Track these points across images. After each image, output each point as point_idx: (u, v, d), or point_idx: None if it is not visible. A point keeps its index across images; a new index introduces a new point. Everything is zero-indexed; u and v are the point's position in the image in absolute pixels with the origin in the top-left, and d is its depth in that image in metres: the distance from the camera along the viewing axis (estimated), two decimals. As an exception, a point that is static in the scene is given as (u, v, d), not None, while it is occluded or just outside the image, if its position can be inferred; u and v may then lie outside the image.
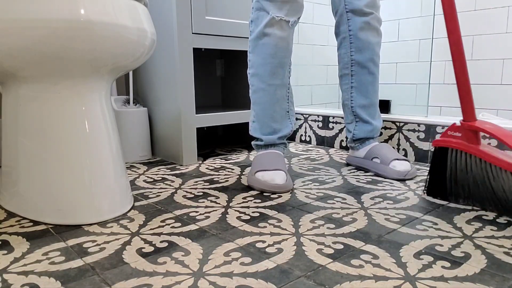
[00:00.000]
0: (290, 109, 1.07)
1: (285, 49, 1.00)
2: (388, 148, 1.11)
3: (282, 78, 1.02)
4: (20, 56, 0.67)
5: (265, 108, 1.03)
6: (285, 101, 1.05)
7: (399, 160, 1.06)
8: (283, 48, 0.99)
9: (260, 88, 1.02)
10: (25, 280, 0.54)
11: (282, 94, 1.04)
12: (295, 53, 1.94)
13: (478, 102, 1.72)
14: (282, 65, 1.01)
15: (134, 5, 0.76)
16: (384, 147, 1.12)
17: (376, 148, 1.12)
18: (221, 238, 0.68)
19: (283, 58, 1.00)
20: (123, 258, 0.61)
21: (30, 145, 0.75)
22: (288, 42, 1.00)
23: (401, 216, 0.78)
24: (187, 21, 1.17)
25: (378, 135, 1.16)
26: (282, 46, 0.99)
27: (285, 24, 0.98)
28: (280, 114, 1.05)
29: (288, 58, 1.03)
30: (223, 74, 1.69)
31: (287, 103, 1.06)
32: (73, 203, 0.75)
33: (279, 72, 1.01)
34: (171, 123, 1.26)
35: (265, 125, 1.04)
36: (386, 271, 0.56)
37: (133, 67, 0.84)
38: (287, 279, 0.54)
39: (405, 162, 1.06)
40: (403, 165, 1.05)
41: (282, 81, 1.02)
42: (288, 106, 1.06)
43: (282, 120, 1.05)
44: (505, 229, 0.71)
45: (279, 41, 0.98)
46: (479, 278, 0.54)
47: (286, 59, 1.01)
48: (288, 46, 1.01)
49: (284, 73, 1.03)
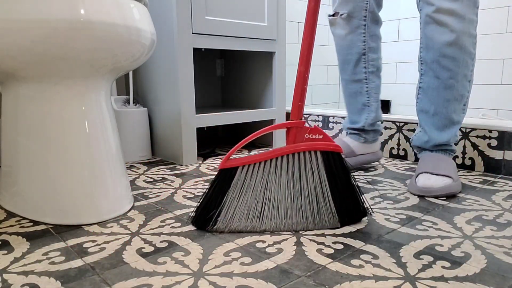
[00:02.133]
0: (371, 104, 1.11)
1: (347, 47, 1.08)
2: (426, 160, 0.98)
3: (351, 74, 1.09)
4: (20, 56, 0.67)
5: (345, 99, 1.15)
6: (361, 95, 1.11)
7: (427, 173, 0.93)
8: (344, 46, 1.08)
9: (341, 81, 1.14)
10: (25, 280, 0.54)
11: (355, 88, 1.10)
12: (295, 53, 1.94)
13: (478, 102, 1.73)
14: (347, 61, 1.09)
15: (134, 5, 0.76)
16: (426, 158, 0.99)
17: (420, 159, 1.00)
18: (221, 238, 0.68)
19: (347, 55, 1.08)
20: (123, 258, 0.60)
21: (30, 145, 0.75)
22: (350, 39, 1.06)
23: (401, 216, 0.78)
24: (187, 21, 1.17)
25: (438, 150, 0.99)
26: (343, 44, 1.08)
27: (340, 21, 1.06)
28: (356, 106, 1.12)
29: (354, 55, 1.07)
30: (223, 74, 1.69)
31: (366, 97, 1.10)
32: (73, 203, 0.75)
33: (346, 68, 1.10)
34: (171, 123, 1.26)
35: (348, 113, 1.16)
36: (386, 271, 0.56)
37: (133, 67, 0.84)
38: (287, 279, 0.54)
39: (433, 176, 0.92)
40: (428, 179, 0.92)
41: (351, 76, 1.10)
42: (368, 100, 1.10)
43: (359, 112, 1.12)
44: (505, 229, 0.71)
45: (339, 39, 1.09)
46: (479, 278, 0.54)
47: (350, 56, 1.08)
48: (352, 43, 1.07)
49: (353, 70, 1.09)
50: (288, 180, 0.69)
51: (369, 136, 1.14)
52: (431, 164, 0.95)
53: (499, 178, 1.06)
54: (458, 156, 1.17)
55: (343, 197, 0.71)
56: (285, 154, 0.70)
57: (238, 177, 0.69)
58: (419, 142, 1.01)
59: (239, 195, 0.69)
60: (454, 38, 0.88)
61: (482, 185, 0.99)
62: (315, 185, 0.70)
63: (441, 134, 0.96)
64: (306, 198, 0.70)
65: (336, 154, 0.71)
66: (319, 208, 0.70)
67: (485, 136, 1.11)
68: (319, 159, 0.70)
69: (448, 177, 0.91)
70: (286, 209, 0.69)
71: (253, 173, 0.69)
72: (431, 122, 0.97)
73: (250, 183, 0.69)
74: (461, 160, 1.17)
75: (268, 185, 0.69)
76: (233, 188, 0.69)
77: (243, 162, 0.69)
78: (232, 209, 0.69)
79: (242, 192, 0.69)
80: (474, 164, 1.14)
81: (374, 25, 1.07)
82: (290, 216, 0.69)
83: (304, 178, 0.69)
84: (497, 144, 1.10)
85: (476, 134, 1.13)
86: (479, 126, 1.13)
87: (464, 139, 1.15)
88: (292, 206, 0.69)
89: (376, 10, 1.06)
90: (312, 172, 0.70)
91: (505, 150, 1.09)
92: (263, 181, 0.69)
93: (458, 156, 1.17)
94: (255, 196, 0.69)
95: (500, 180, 1.04)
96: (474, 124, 1.14)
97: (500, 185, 0.99)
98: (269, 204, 0.69)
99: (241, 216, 0.69)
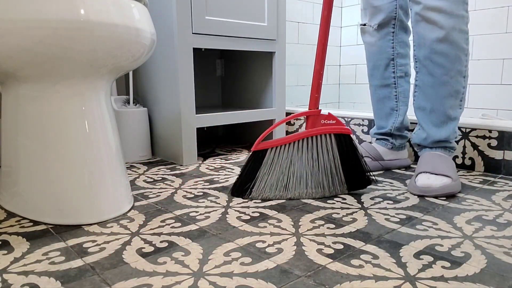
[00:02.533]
0: (399, 108, 1.13)
1: (376, 52, 1.12)
2: (426, 159, 0.97)
3: (381, 78, 1.13)
4: (20, 56, 0.67)
5: (373, 105, 1.18)
6: (389, 100, 1.13)
7: (426, 173, 0.93)
8: (374, 52, 1.12)
9: (370, 88, 1.18)
10: (25, 280, 0.54)
11: (384, 93, 1.13)
12: (295, 53, 1.94)
13: (478, 102, 1.73)
14: (377, 67, 1.13)
15: (134, 5, 0.76)
16: (425, 157, 0.98)
17: (420, 158, 1.01)
18: (221, 238, 0.68)
19: (377, 61, 1.12)
20: (123, 258, 0.60)
21: (30, 145, 0.75)
22: (379, 46, 1.10)
23: (401, 216, 0.78)
24: (187, 21, 1.17)
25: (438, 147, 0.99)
26: (372, 50, 1.13)
27: (370, 29, 1.11)
28: (384, 111, 1.15)
29: (383, 60, 1.11)
30: (223, 74, 1.69)
31: (394, 102, 1.13)
32: (73, 203, 0.75)
33: (375, 73, 1.13)
34: (171, 123, 1.26)
35: (375, 119, 1.18)
36: (386, 271, 0.56)
37: (133, 67, 0.84)
38: (287, 279, 0.54)
39: (433, 176, 0.92)
40: (427, 179, 0.91)
41: (380, 81, 1.13)
42: (397, 105, 1.13)
43: (386, 117, 1.14)
44: (505, 229, 0.71)
45: (369, 46, 1.13)
46: (479, 278, 0.54)
47: (380, 61, 1.12)
48: (381, 49, 1.11)
49: (382, 74, 1.12)
50: (308, 158, 0.86)
51: (396, 141, 1.15)
52: (431, 163, 0.95)
53: (499, 178, 1.06)
54: (458, 156, 1.17)
55: (352, 170, 0.89)
56: (305, 137, 0.87)
57: (268, 157, 0.86)
58: (418, 139, 1.02)
59: (269, 171, 0.87)
60: (444, 34, 0.89)
61: (482, 185, 0.99)
62: (330, 161, 0.87)
63: (439, 131, 0.98)
64: (323, 172, 0.87)
65: (347, 135, 0.88)
66: (333, 179, 0.88)
67: (485, 136, 1.11)
68: (332, 140, 0.87)
69: (447, 176, 0.91)
70: (307, 181, 0.87)
71: (280, 153, 0.86)
72: (429, 119, 0.98)
73: (277, 161, 0.86)
74: (461, 160, 1.16)
75: (292, 162, 0.86)
76: (264, 165, 0.86)
77: (271, 144, 0.86)
78: (263, 182, 0.87)
79: (271, 168, 0.86)
80: (474, 164, 1.14)
81: (403, 33, 1.10)
82: (310, 186, 0.87)
83: (321, 156, 0.86)
84: (497, 144, 1.10)
85: (476, 134, 1.13)
86: (479, 126, 1.13)
87: (464, 139, 1.15)
88: (312, 178, 0.87)
89: (404, 19, 1.09)
90: (327, 151, 0.87)
91: (505, 150, 1.09)
92: (288, 160, 0.86)
93: (458, 156, 1.17)
94: (282, 171, 0.87)
95: (500, 180, 1.04)
96: (474, 124, 1.14)
97: (500, 185, 0.99)
98: (293, 177, 0.87)
99: (271, 187, 0.87)
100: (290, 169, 0.86)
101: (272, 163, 0.86)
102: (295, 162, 0.86)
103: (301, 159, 0.86)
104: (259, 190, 0.87)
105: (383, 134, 1.16)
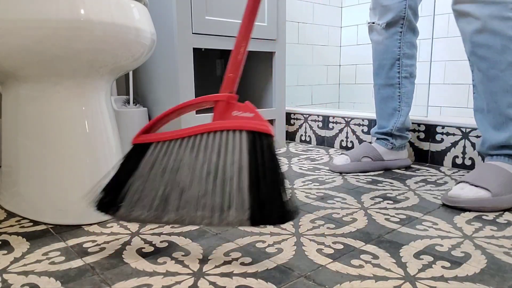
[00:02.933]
0: (402, 109, 1.12)
1: (383, 51, 1.11)
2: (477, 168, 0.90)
3: (385, 78, 1.12)
4: (20, 56, 0.67)
5: (375, 104, 1.17)
6: (393, 100, 1.13)
7: (465, 183, 0.85)
8: (380, 51, 1.11)
9: (374, 87, 1.17)
10: (25, 280, 0.54)
11: (388, 93, 1.13)
12: (295, 53, 1.94)
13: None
14: (382, 66, 1.12)
15: (134, 5, 0.76)
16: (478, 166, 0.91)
17: None
18: (221, 238, 0.68)
19: (382, 60, 1.11)
20: (123, 258, 0.60)
21: (30, 145, 0.75)
22: (385, 44, 1.10)
23: (401, 216, 0.78)
24: (187, 21, 1.17)
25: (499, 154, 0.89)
26: (379, 49, 1.12)
27: (378, 28, 1.10)
28: (386, 111, 1.14)
29: (389, 60, 1.10)
30: (223, 74, 1.69)
31: (397, 102, 1.12)
32: (73, 203, 0.75)
33: (380, 72, 1.12)
34: (171, 123, 1.26)
35: (377, 119, 1.17)
36: (386, 271, 0.56)
37: (133, 67, 0.84)
38: (287, 279, 0.54)
39: (468, 186, 0.83)
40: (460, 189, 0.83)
41: (385, 81, 1.12)
42: (399, 105, 1.12)
43: (388, 117, 1.14)
44: (505, 229, 0.71)
45: (376, 44, 1.12)
46: (479, 278, 0.54)
47: (385, 61, 1.11)
48: (387, 48, 1.10)
49: (387, 74, 1.11)
50: (203, 163, 0.58)
51: (396, 142, 1.15)
52: (477, 173, 0.86)
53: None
54: (458, 156, 1.17)
55: (263, 191, 0.55)
56: (205, 132, 0.59)
57: (150, 155, 0.60)
58: (477, 147, 0.94)
59: (147, 176, 0.59)
60: (481, 24, 0.83)
61: (482, 185, 0.99)
62: (232, 171, 0.56)
63: (498, 134, 0.87)
64: (219, 186, 0.56)
65: (265, 135, 0.57)
66: (231, 201, 0.55)
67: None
68: (243, 140, 0.57)
69: (485, 189, 0.81)
70: (197, 199, 0.57)
71: (167, 151, 0.60)
72: (487, 120, 0.89)
73: (160, 163, 0.59)
74: (461, 160, 1.17)
75: (181, 167, 0.58)
76: (142, 167, 0.60)
77: (157, 138, 0.61)
78: (137, 193, 0.59)
79: (152, 173, 0.59)
80: (474, 164, 1.14)
81: (411, 33, 1.09)
82: (199, 207, 0.57)
83: (222, 162, 0.57)
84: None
85: (476, 134, 1.13)
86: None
87: (464, 139, 1.15)
88: (204, 196, 0.56)
89: (413, 19, 1.08)
90: (232, 155, 0.57)
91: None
92: (176, 162, 0.59)
93: (458, 156, 1.17)
94: (165, 180, 0.58)
95: (500, 180, 1.04)
96: (474, 124, 1.13)
97: (500, 185, 0.99)
98: (178, 190, 0.58)
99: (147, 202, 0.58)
100: (176, 177, 0.58)
101: (154, 165, 0.59)
102: (184, 167, 0.58)
103: (193, 163, 0.58)
104: (130, 206, 0.59)
105: (383, 134, 1.16)
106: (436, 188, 0.97)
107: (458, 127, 1.16)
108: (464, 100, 1.72)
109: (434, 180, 1.04)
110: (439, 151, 1.20)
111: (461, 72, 1.71)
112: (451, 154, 1.18)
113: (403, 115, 1.13)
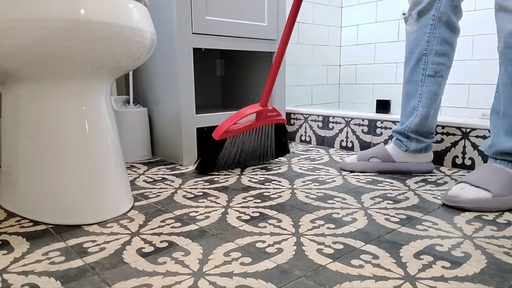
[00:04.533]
0: (419, 109, 1.05)
1: (412, 44, 1.05)
2: (478, 169, 0.89)
3: (410, 73, 1.06)
4: (20, 56, 0.67)
5: (401, 100, 1.11)
6: (413, 98, 1.06)
7: (465, 183, 0.85)
8: (409, 43, 1.06)
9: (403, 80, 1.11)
10: (25, 280, 0.54)
11: (410, 89, 1.07)
12: (295, 53, 1.94)
13: (478, 102, 1.72)
14: (409, 59, 1.06)
15: (134, 5, 0.76)
16: (480, 167, 0.89)
17: None
18: (221, 238, 0.68)
19: (410, 54, 1.06)
20: (123, 258, 0.60)
21: (30, 145, 0.75)
22: (415, 36, 1.04)
23: (401, 216, 0.78)
24: (187, 21, 1.17)
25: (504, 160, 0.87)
26: (408, 40, 1.06)
27: (410, 19, 1.05)
28: (407, 109, 1.09)
29: (416, 54, 1.04)
30: (223, 74, 1.69)
31: (417, 100, 1.06)
32: (73, 203, 0.75)
33: (407, 66, 1.08)
34: (171, 123, 1.26)
35: (401, 114, 1.12)
36: (386, 271, 0.56)
37: (133, 67, 0.84)
38: (287, 279, 0.54)
39: (468, 187, 0.83)
40: (460, 189, 0.83)
41: (409, 75, 1.07)
42: (418, 104, 1.05)
43: (408, 115, 1.08)
44: (505, 229, 0.71)
45: (407, 35, 1.07)
46: (479, 278, 0.54)
47: (412, 54, 1.05)
48: (416, 41, 1.04)
49: (412, 69, 1.06)
50: (254, 140, 1.19)
51: (410, 144, 1.09)
52: (478, 174, 0.85)
53: None
54: (458, 156, 1.17)
55: (279, 146, 1.25)
56: (254, 128, 1.17)
57: (227, 143, 1.12)
58: (483, 147, 0.92)
59: (229, 151, 1.14)
60: None
61: (482, 185, 0.99)
62: (267, 141, 1.22)
63: (507, 140, 0.85)
64: (262, 148, 1.22)
65: (281, 124, 1.21)
66: (266, 153, 1.24)
67: (485, 136, 1.11)
68: (272, 127, 1.20)
69: (486, 190, 0.81)
70: (250, 153, 1.21)
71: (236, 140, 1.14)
72: (500, 124, 0.86)
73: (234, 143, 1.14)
74: (461, 160, 1.17)
75: (243, 143, 1.16)
76: (224, 149, 1.13)
77: (231, 134, 1.12)
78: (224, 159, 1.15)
79: (230, 150, 1.14)
80: (474, 164, 1.14)
81: (445, 29, 1.00)
82: (251, 158, 1.21)
83: (263, 139, 1.20)
84: None
85: (476, 134, 1.13)
86: (479, 126, 1.12)
87: (464, 139, 1.15)
88: (253, 153, 1.21)
89: (451, 14, 0.99)
90: (266, 135, 1.20)
91: None
92: (241, 143, 1.16)
93: (458, 156, 1.17)
94: (237, 150, 1.16)
95: (500, 180, 1.04)
96: (474, 124, 1.14)
97: (500, 185, 0.99)
98: (242, 152, 1.18)
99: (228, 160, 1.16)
100: (242, 148, 1.17)
101: (230, 146, 1.13)
102: (246, 143, 1.17)
103: (250, 141, 1.17)
104: (221, 165, 1.16)
105: (399, 133, 1.10)
106: (436, 188, 0.97)
107: (458, 127, 1.16)
108: (464, 100, 1.72)
109: (434, 180, 1.04)
110: (439, 151, 1.20)
111: (462, 72, 1.71)
112: (451, 154, 1.18)
113: (419, 116, 1.05)
